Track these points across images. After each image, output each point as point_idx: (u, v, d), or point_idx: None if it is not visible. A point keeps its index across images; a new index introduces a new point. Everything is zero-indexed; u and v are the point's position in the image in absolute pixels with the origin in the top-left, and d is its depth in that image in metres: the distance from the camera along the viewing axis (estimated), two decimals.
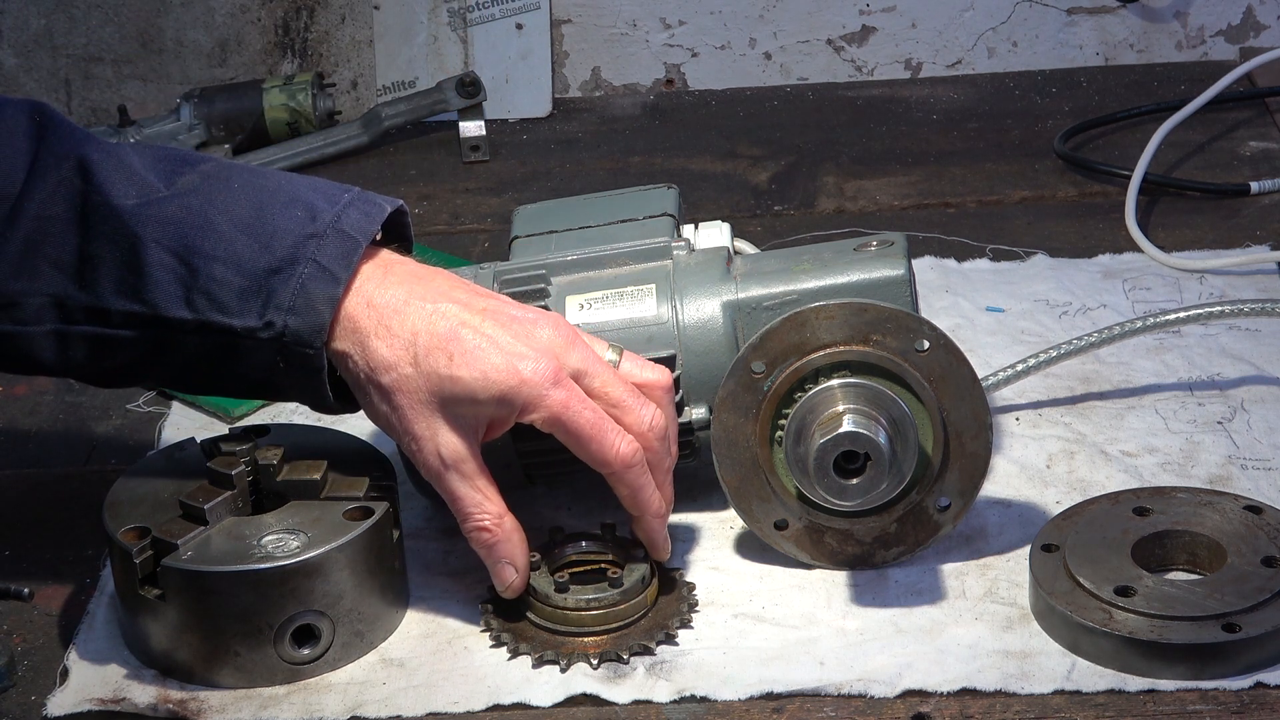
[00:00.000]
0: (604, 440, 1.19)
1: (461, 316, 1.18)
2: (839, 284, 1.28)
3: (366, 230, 1.20)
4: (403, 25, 1.95)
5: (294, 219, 1.19)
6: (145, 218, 1.19)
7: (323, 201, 1.20)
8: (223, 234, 1.18)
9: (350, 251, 1.18)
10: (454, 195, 1.81)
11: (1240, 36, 1.96)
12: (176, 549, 1.18)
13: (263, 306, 1.17)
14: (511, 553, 1.21)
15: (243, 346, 1.18)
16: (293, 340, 1.18)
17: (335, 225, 1.19)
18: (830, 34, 1.98)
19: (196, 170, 1.22)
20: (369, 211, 1.21)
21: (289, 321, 1.17)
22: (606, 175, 1.82)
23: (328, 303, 1.17)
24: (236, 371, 1.20)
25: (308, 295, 1.17)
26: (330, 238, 1.18)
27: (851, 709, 1.16)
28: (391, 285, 1.19)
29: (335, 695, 1.19)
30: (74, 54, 1.95)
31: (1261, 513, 1.25)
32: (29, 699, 1.21)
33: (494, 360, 1.17)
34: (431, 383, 1.17)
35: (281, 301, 1.17)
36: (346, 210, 1.20)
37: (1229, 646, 1.15)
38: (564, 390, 1.18)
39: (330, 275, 1.18)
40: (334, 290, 1.18)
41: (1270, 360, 1.45)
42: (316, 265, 1.18)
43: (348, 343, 1.18)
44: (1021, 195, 1.74)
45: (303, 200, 1.20)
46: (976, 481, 1.25)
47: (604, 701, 1.18)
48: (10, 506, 1.40)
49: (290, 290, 1.17)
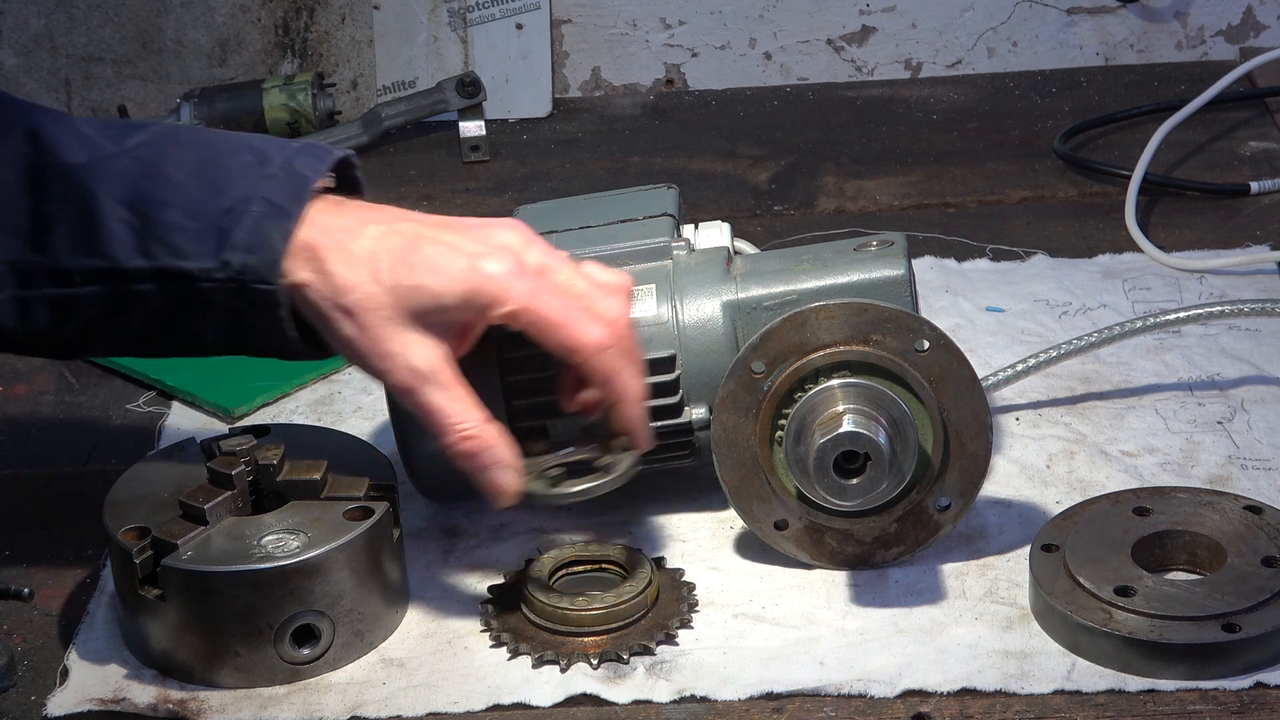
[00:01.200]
0: (575, 325, 1.18)
1: (418, 230, 1.19)
2: (839, 284, 1.28)
3: (316, 168, 1.20)
4: (403, 25, 1.95)
5: (244, 163, 1.19)
6: (97, 173, 1.19)
7: (272, 148, 1.21)
8: (175, 181, 1.19)
9: (300, 188, 1.18)
10: (454, 195, 1.81)
11: (1240, 36, 1.96)
12: (176, 549, 1.18)
13: (217, 247, 1.17)
14: (502, 456, 1.19)
15: (201, 291, 1.18)
16: (250, 277, 1.17)
17: (286, 166, 1.19)
18: (830, 34, 1.98)
19: (145, 130, 1.22)
20: (319, 154, 1.21)
21: (245, 259, 1.17)
22: (606, 175, 1.82)
23: (282, 237, 1.17)
24: (198, 320, 1.20)
25: (261, 232, 1.17)
26: (281, 177, 1.19)
27: (851, 709, 1.16)
28: (345, 215, 1.19)
29: (335, 695, 1.19)
30: (74, 54, 1.95)
31: (1261, 513, 1.25)
32: (29, 699, 1.21)
33: (457, 263, 1.17)
34: (397, 296, 1.17)
35: (236, 240, 1.17)
36: (297, 154, 1.20)
37: (1229, 646, 1.15)
38: (529, 281, 1.17)
39: (283, 211, 1.17)
40: (287, 225, 1.17)
41: (1270, 360, 1.45)
42: (268, 203, 1.18)
43: (306, 271, 1.17)
44: (1021, 195, 1.74)
45: (253, 147, 1.21)
46: (976, 481, 1.25)
47: (604, 701, 1.18)
48: (10, 506, 1.40)
49: (244, 228, 1.17)
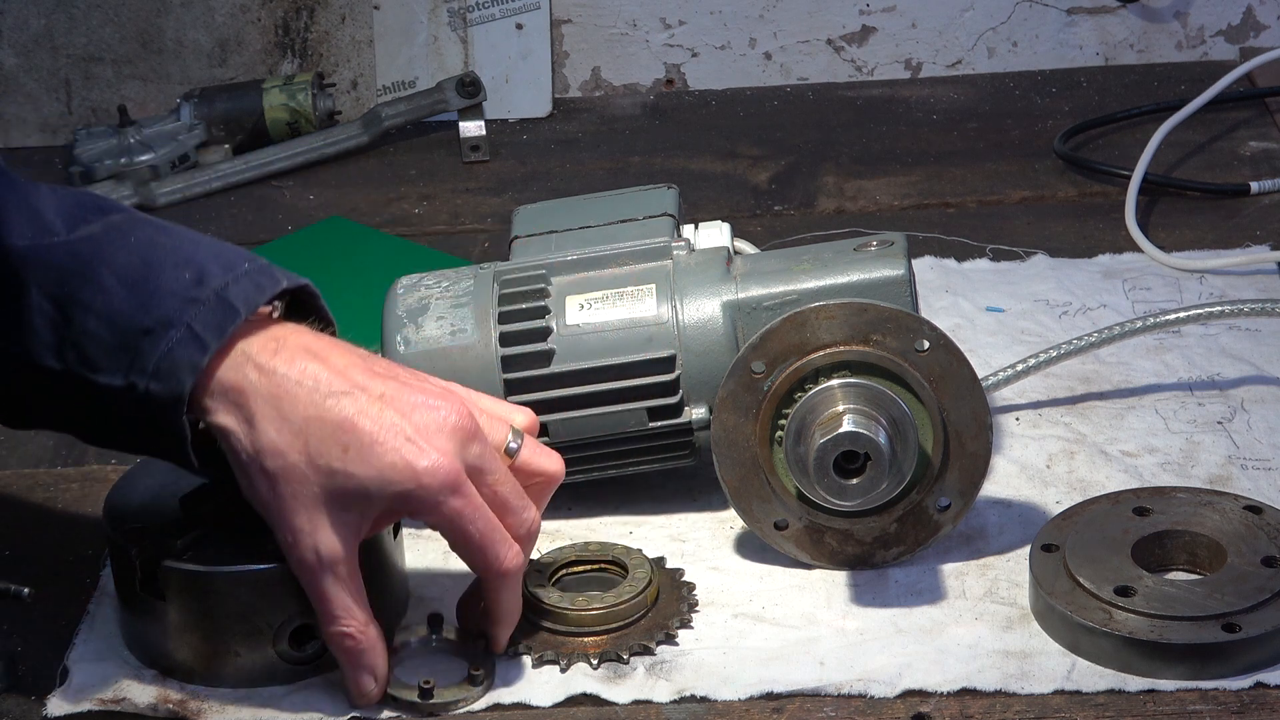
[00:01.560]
0: (491, 551, 1.14)
1: (358, 404, 1.12)
2: (839, 284, 1.28)
3: (253, 301, 1.14)
4: (403, 25, 1.95)
5: (179, 281, 1.14)
6: (32, 260, 1.15)
7: (216, 267, 1.15)
8: (104, 287, 1.14)
9: (226, 320, 1.12)
10: (454, 195, 1.81)
11: (1240, 36, 1.96)
12: (176, 549, 1.18)
13: (128, 367, 1.13)
14: (373, 662, 1.16)
15: (108, 405, 1.14)
16: (154, 406, 1.13)
17: (220, 292, 1.13)
18: (830, 34, 1.98)
19: (104, 219, 1.17)
20: (260, 284, 1.15)
21: (150, 386, 1.12)
22: (606, 175, 1.82)
23: (190, 371, 1.12)
24: (110, 427, 1.17)
25: (172, 361, 1.12)
26: (210, 305, 1.13)
27: (851, 709, 1.16)
28: (283, 362, 1.13)
29: (335, 695, 1.19)
30: (74, 54, 1.95)
31: (1261, 513, 1.25)
32: (29, 699, 1.21)
33: (390, 459, 1.11)
34: (322, 476, 1.12)
35: (145, 364, 1.12)
36: (239, 280, 1.14)
37: (1229, 646, 1.15)
38: (459, 498, 1.13)
39: (199, 342, 1.12)
40: (199, 359, 1.12)
41: (1270, 360, 1.45)
42: (189, 331, 1.12)
43: (231, 418, 1.13)
44: (1021, 195, 1.74)
45: (195, 263, 1.15)
46: (976, 481, 1.25)
47: (604, 701, 1.18)
48: (10, 506, 1.40)
49: (157, 354, 1.12)
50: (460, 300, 1.32)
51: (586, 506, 1.34)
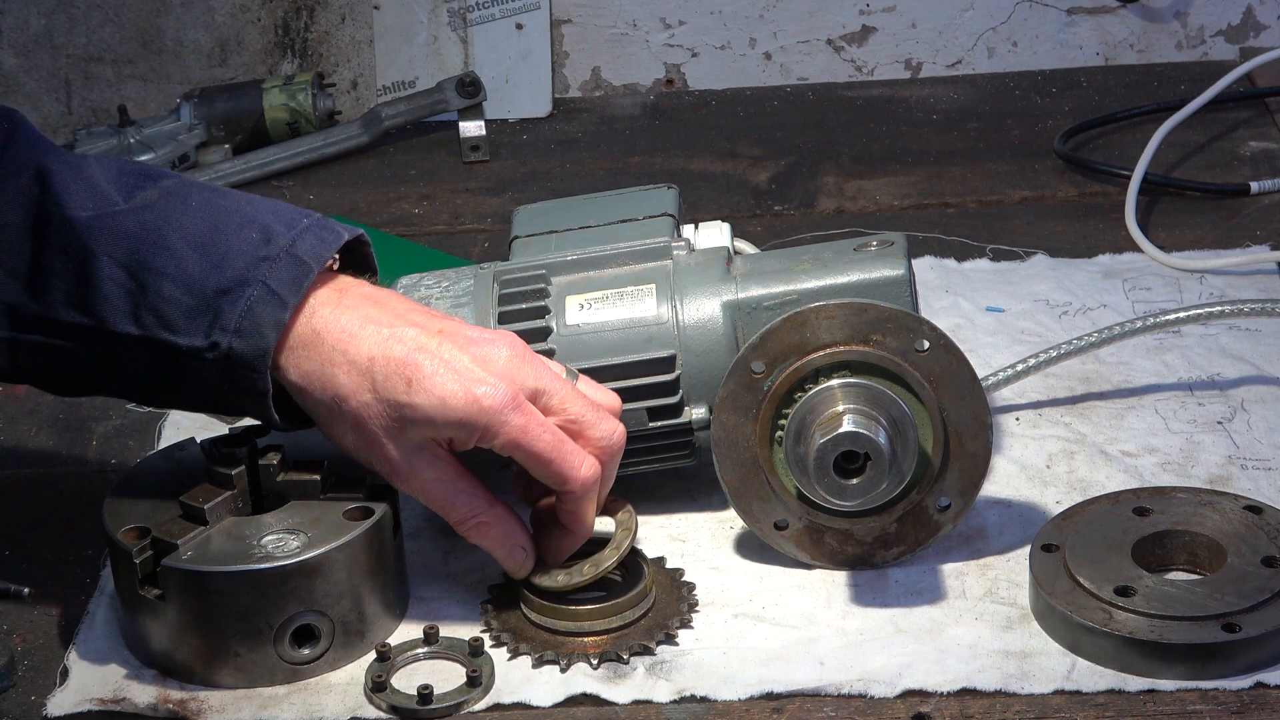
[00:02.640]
0: (565, 461, 1.19)
1: (419, 340, 1.18)
2: (839, 284, 1.28)
3: (320, 256, 1.19)
4: (403, 25, 1.95)
5: (248, 241, 1.18)
6: (99, 230, 1.18)
7: (279, 225, 1.19)
8: (175, 251, 1.17)
9: (301, 276, 1.18)
10: (454, 195, 1.81)
11: (1240, 36, 1.96)
12: (176, 549, 1.18)
13: (209, 327, 1.17)
14: (512, 535, 1.21)
15: (188, 366, 1.18)
16: (237, 363, 1.17)
17: (289, 249, 1.18)
18: (830, 34, 1.98)
19: (157, 186, 1.21)
20: (325, 238, 1.20)
21: (234, 344, 1.16)
22: (606, 175, 1.82)
23: (274, 327, 1.16)
24: (185, 388, 1.20)
25: (254, 318, 1.16)
26: (283, 261, 1.17)
27: (851, 709, 1.16)
28: (346, 310, 1.19)
29: (335, 695, 1.19)
30: (74, 54, 1.95)
31: (1261, 513, 1.25)
32: (29, 699, 1.21)
33: (451, 386, 1.16)
34: (390, 409, 1.17)
35: (227, 323, 1.16)
36: (302, 235, 1.19)
37: (1229, 646, 1.15)
38: (521, 415, 1.17)
39: (279, 299, 1.17)
40: (280, 315, 1.17)
41: (1270, 360, 1.45)
42: (266, 288, 1.17)
43: (303, 370, 1.18)
44: (1021, 195, 1.74)
45: (259, 222, 1.19)
46: (976, 481, 1.25)
47: (604, 701, 1.18)
48: (10, 506, 1.40)
49: (237, 312, 1.16)
50: (460, 300, 1.32)
51: None
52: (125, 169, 1.23)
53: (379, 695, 1.18)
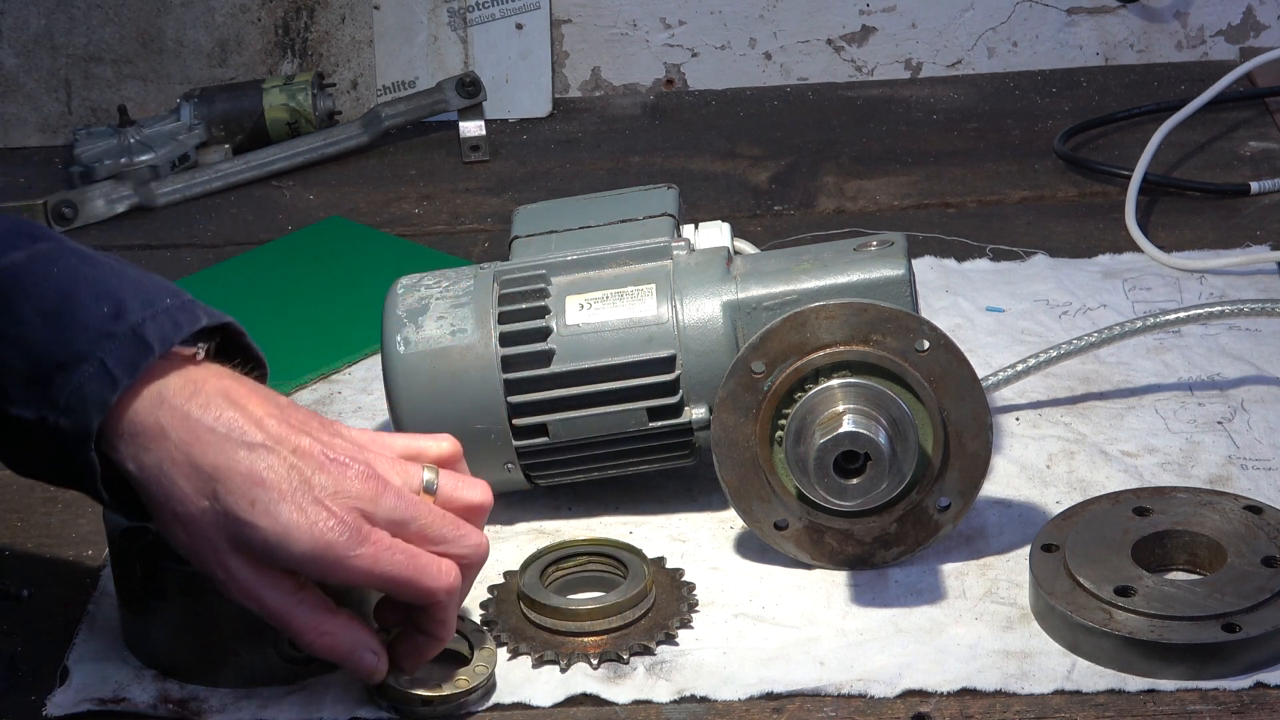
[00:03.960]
0: (422, 577, 1.12)
1: (269, 459, 1.11)
2: (839, 284, 1.28)
3: (168, 339, 1.12)
4: (403, 25, 1.95)
5: (97, 315, 1.12)
6: None
7: (135, 302, 1.13)
8: (22, 318, 1.12)
9: (140, 358, 1.11)
10: (454, 195, 1.81)
11: (1240, 36, 1.96)
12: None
13: (39, 400, 1.11)
14: (359, 641, 1.15)
15: (22, 437, 1.13)
16: (62, 441, 1.11)
17: (136, 328, 1.11)
18: (830, 34, 1.98)
19: (31, 248, 1.16)
20: (179, 321, 1.13)
21: (60, 421, 1.11)
22: (606, 175, 1.82)
23: (99, 407, 1.10)
24: (26, 458, 1.16)
25: (82, 396, 1.10)
26: (124, 340, 1.11)
27: (851, 709, 1.16)
28: (199, 407, 1.12)
29: (335, 695, 1.19)
30: (74, 54, 1.95)
31: (1261, 513, 1.25)
32: (29, 699, 1.21)
33: (295, 518, 1.10)
34: (230, 522, 1.10)
35: (57, 398, 1.11)
36: (157, 315, 1.13)
37: (1229, 646, 1.15)
38: (366, 547, 1.11)
39: (110, 379, 1.10)
40: (108, 395, 1.10)
41: (1270, 360, 1.45)
42: (101, 366, 1.11)
43: (141, 463, 1.12)
44: (1021, 195, 1.74)
45: (115, 297, 1.13)
46: (976, 481, 1.25)
47: (604, 701, 1.18)
48: (10, 506, 1.40)
49: (69, 389, 1.11)
50: (460, 300, 1.32)
51: (586, 506, 1.34)
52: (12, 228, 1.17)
53: (379, 695, 1.17)
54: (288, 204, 1.81)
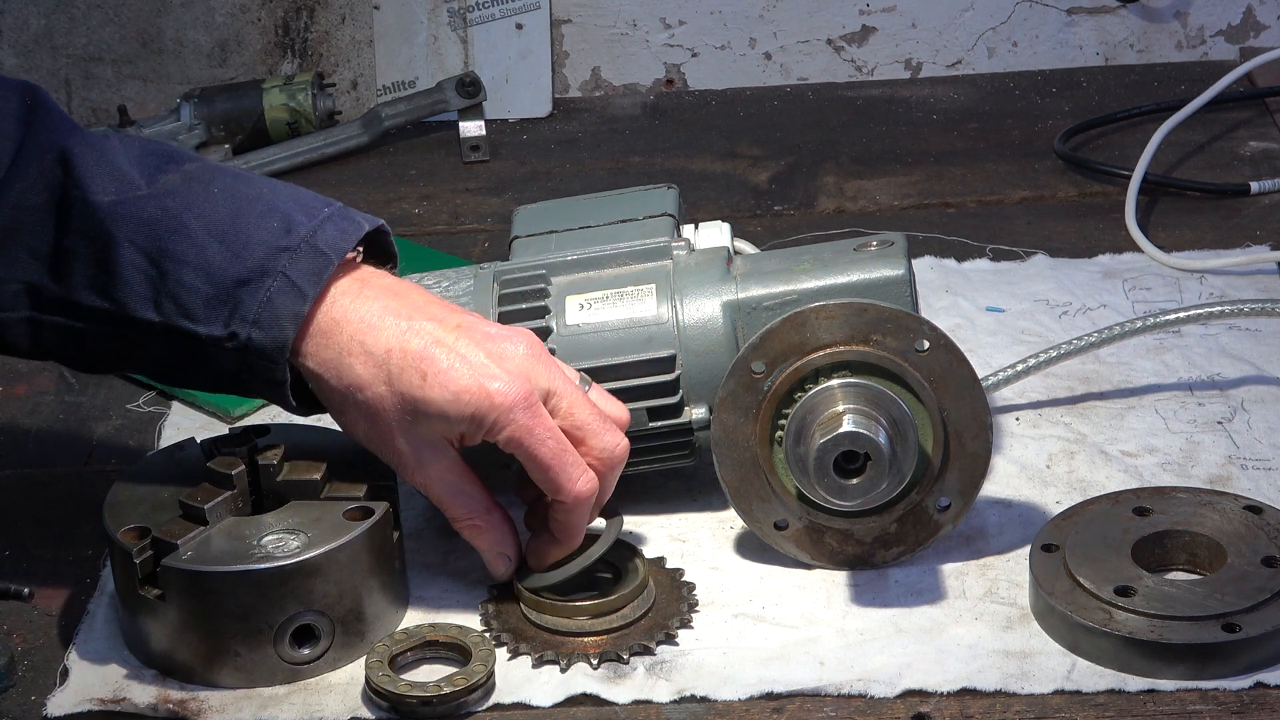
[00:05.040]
0: (563, 471, 1.19)
1: (436, 334, 1.19)
2: (839, 284, 1.28)
3: (341, 247, 1.19)
4: (403, 25, 1.95)
5: (269, 230, 1.19)
6: (121, 216, 1.18)
7: (301, 214, 1.20)
8: (196, 239, 1.18)
9: (322, 268, 1.18)
10: (454, 195, 1.81)
11: (1240, 36, 1.96)
12: (176, 549, 1.18)
13: (229, 316, 1.17)
14: (501, 542, 1.23)
15: (207, 353, 1.18)
16: (255, 353, 1.18)
17: (309, 240, 1.19)
18: (830, 34, 1.98)
19: (180, 169, 1.22)
20: (345, 229, 1.21)
21: (253, 334, 1.17)
22: (606, 175, 1.82)
23: (293, 319, 1.17)
24: (203, 373, 1.21)
25: (274, 310, 1.17)
26: (303, 253, 1.18)
27: (851, 709, 1.16)
28: (366, 300, 1.19)
29: (335, 695, 1.19)
30: (74, 54, 1.95)
31: (1261, 513, 1.25)
32: (29, 699, 1.21)
33: (464, 381, 1.17)
34: (404, 402, 1.18)
35: (247, 314, 1.17)
36: (323, 225, 1.20)
37: (1229, 646, 1.15)
38: (529, 415, 1.18)
39: (298, 291, 1.17)
40: (300, 307, 1.17)
41: (1270, 360, 1.45)
42: (286, 279, 1.17)
43: (321, 359, 1.19)
44: (1021, 195, 1.74)
45: (280, 211, 1.20)
46: (976, 481, 1.25)
47: (604, 701, 1.18)
48: (10, 506, 1.40)
49: (257, 303, 1.17)
50: (460, 300, 1.32)
51: None
52: (149, 150, 1.23)
53: (379, 695, 1.17)
54: None
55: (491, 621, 1.24)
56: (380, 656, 1.19)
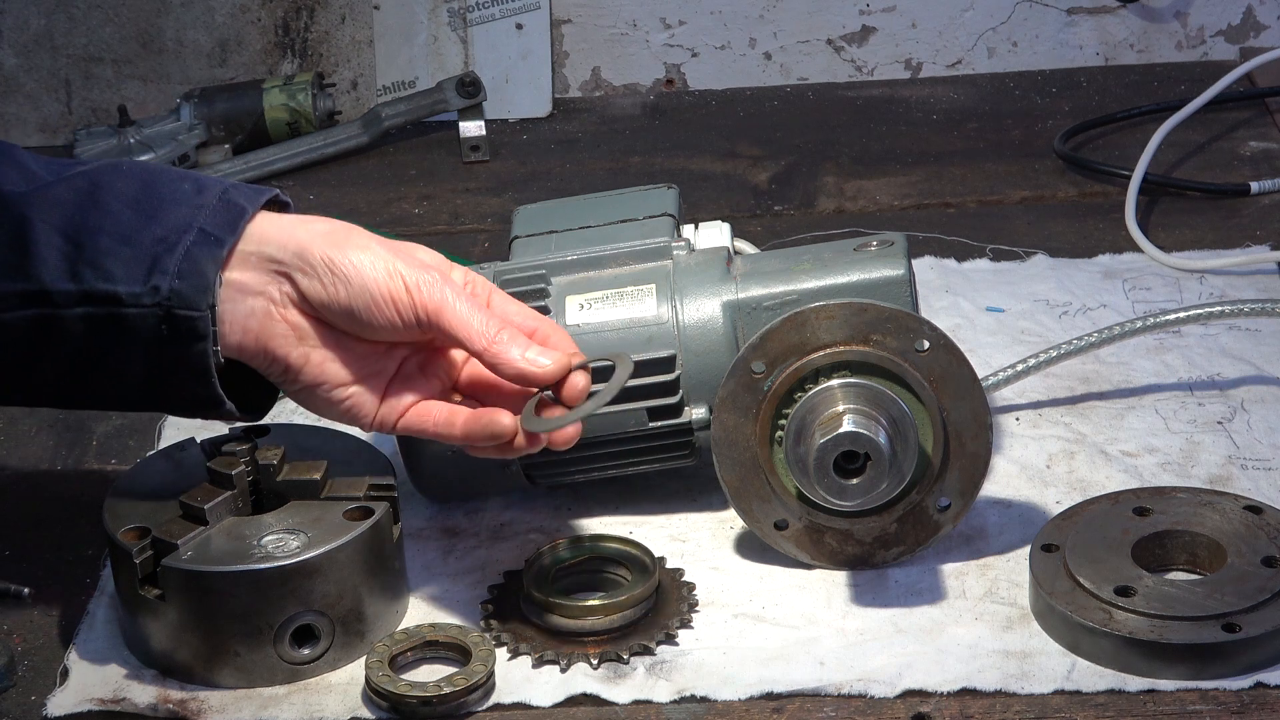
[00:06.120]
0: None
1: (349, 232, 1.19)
2: (839, 284, 1.28)
3: (255, 199, 1.20)
4: (403, 25, 1.95)
5: (182, 193, 1.20)
6: (33, 200, 1.19)
7: (209, 181, 1.21)
8: (110, 209, 1.18)
9: (236, 218, 1.19)
10: (454, 195, 1.81)
11: (1240, 36, 1.96)
12: (176, 549, 1.18)
13: (147, 272, 1.17)
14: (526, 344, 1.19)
15: (126, 318, 1.17)
16: (178, 304, 1.16)
17: (223, 196, 1.19)
18: (830, 34, 1.98)
19: (87, 165, 1.22)
20: (257, 189, 1.22)
21: (174, 285, 1.17)
22: (606, 175, 1.82)
23: (214, 264, 1.17)
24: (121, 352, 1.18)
25: (193, 259, 1.17)
26: (217, 207, 1.19)
27: (851, 709, 1.16)
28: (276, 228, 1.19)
29: (335, 695, 1.19)
30: (74, 54, 1.95)
31: (1261, 513, 1.25)
32: (29, 699, 1.21)
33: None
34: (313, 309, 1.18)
35: (167, 266, 1.17)
36: (236, 186, 1.21)
37: (1229, 646, 1.15)
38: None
39: (215, 240, 1.17)
40: (219, 252, 1.17)
41: (1270, 360, 1.45)
42: (203, 232, 1.18)
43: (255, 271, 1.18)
44: (1021, 195, 1.74)
45: (190, 179, 1.21)
46: (976, 481, 1.25)
47: (604, 701, 1.18)
48: (10, 506, 1.40)
49: (176, 255, 1.17)
50: None
51: (586, 506, 1.35)
52: (56, 160, 1.24)
53: (379, 695, 1.18)
54: None
55: (491, 621, 1.24)
56: (380, 656, 1.19)
